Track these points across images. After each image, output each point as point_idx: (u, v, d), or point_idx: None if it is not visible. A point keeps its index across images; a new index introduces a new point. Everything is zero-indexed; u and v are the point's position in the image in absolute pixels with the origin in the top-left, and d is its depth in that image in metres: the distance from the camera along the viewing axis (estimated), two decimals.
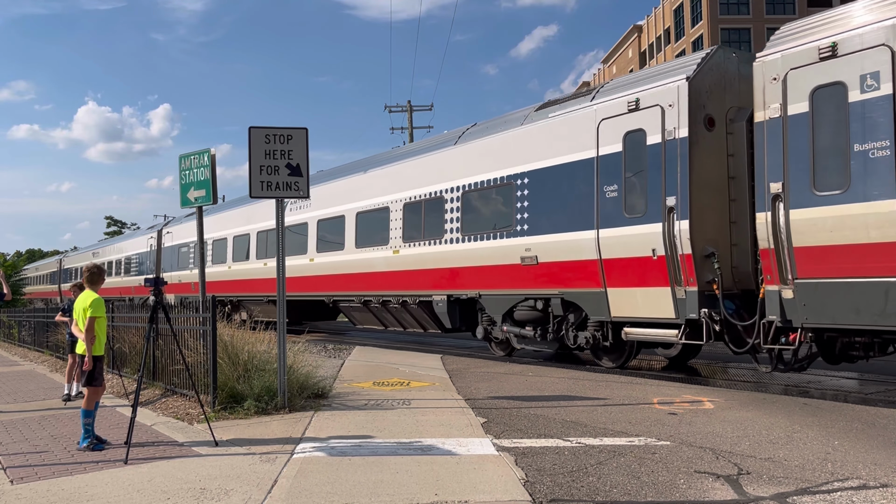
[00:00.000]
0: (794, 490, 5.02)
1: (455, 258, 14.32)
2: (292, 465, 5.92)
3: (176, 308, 10.05)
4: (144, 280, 7.43)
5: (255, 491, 5.22)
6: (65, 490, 5.42)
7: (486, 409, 8.24)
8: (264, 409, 8.24)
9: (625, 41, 74.29)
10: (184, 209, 17.11)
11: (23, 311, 25.49)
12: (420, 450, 6.32)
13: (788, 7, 55.74)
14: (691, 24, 59.54)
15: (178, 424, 7.93)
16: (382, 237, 16.30)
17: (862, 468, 5.54)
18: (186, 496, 5.15)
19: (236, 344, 9.30)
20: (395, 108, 36.88)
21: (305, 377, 9.18)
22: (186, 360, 8.47)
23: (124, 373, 11.56)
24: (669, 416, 7.62)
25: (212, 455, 6.37)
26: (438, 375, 11.39)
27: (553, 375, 11.21)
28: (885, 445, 6.25)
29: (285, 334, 8.75)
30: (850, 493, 4.94)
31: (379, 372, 11.97)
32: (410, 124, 36.70)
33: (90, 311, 6.83)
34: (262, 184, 8.73)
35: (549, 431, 7.02)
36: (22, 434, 7.76)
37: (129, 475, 5.78)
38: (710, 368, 12.58)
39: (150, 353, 10.05)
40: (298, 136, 8.86)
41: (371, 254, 16.66)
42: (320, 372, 9.90)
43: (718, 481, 5.25)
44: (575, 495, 5.00)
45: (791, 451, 6.08)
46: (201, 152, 10.29)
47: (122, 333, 12.30)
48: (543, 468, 5.67)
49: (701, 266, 10.01)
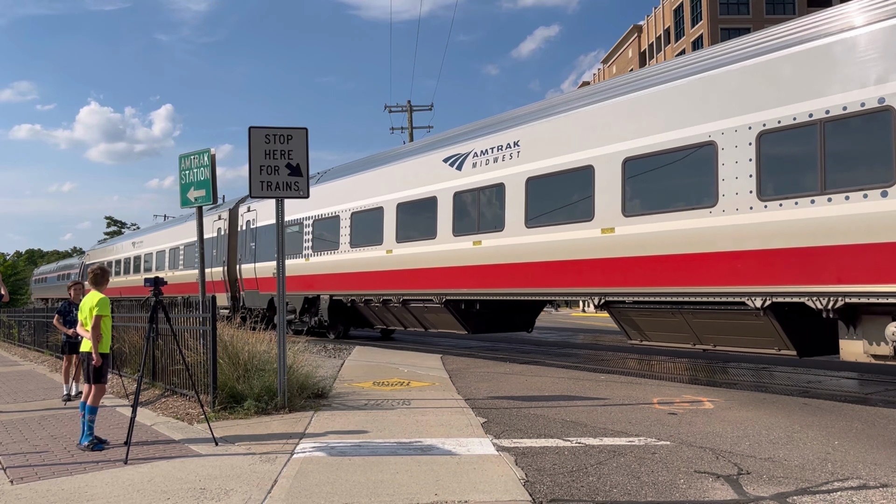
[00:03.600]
0: (794, 490, 5.01)
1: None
2: (292, 465, 5.92)
3: (176, 308, 10.03)
4: (144, 280, 7.44)
5: (255, 491, 5.22)
6: (65, 490, 5.42)
7: (486, 409, 8.24)
8: (264, 409, 8.24)
9: (625, 41, 74.30)
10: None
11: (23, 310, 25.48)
12: (420, 450, 6.32)
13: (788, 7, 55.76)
14: (691, 24, 59.54)
15: (178, 424, 7.93)
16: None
17: (862, 468, 5.54)
18: (186, 496, 5.15)
19: (236, 344, 9.30)
20: (395, 108, 36.90)
21: (305, 377, 9.18)
22: (186, 360, 8.47)
23: (124, 373, 11.55)
24: (669, 416, 7.62)
25: (212, 455, 6.37)
26: (438, 375, 11.39)
27: (553, 375, 11.21)
28: (885, 445, 6.25)
29: (285, 334, 8.75)
30: (850, 493, 4.94)
31: (379, 372, 11.97)
32: (410, 124, 36.70)
33: (97, 309, 6.93)
34: (262, 184, 8.73)
35: (549, 431, 7.02)
36: (22, 434, 7.76)
37: (129, 475, 5.78)
38: (710, 368, 12.57)
39: (150, 353, 10.05)
40: (298, 136, 8.86)
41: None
42: (320, 372, 9.90)
43: (718, 481, 5.24)
44: (575, 495, 5.00)
45: (791, 451, 6.08)
46: (201, 152, 10.29)
47: (122, 333, 12.29)
48: (543, 468, 5.67)
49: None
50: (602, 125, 11.26)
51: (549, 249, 11.96)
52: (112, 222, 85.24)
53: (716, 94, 9.63)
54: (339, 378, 11.08)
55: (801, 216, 8.59)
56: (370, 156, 19.20)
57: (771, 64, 9.09)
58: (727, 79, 9.54)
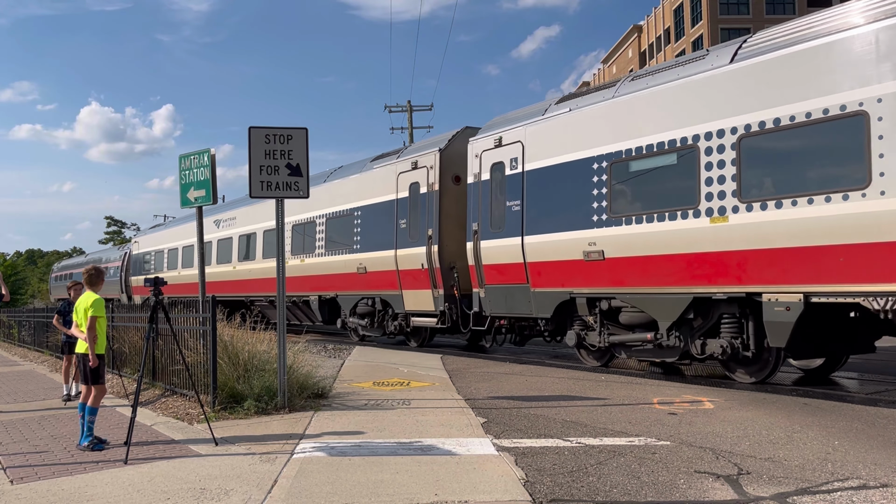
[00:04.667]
0: (794, 490, 5.01)
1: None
2: (292, 464, 5.92)
3: (176, 308, 10.03)
4: (145, 280, 7.44)
5: (255, 491, 5.22)
6: (65, 490, 5.42)
7: (486, 409, 8.24)
8: (264, 409, 8.24)
9: (625, 41, 74.34)
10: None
11: (22, 310, 25.47)
12: (420, 450, 6.32)
13: (788, 7, 55.80)
14: (691, 24, 59.57)
15: (178, 424, 7.93)
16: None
17: (862, 468, 5.54)
18: (186, 496, 5.15)
19: (236, 344, 9.31)
20: (395, 108, 36.92)
21: (305, 377, 9.18)
22: (186, 360, 8.47)
23: (124, 373, 11.56)
24: (669, 416, 7.62)
25: (212, 455, 6.37)
26: (438, 375, 11.39)
27: (553, 375, 11.21)
28: (885, 445, 6.25)
29: (285, 334, 8.74)
30: (850, 493, 4.94)
31: (379, 372, 11.97)
32: (410, 124, 36.73)
33: (91, 310, 6.92)
34: (262, 184, 8.73)
35: (549, 431, 7.02)
36: (22, 434, 7.76)
37: (129, 475, 5.78)
38: (710, 368, 12.56)
39: (150, 353, 10.04)
40: (298, 136, 8.86)
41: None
42: (320, 372, 9.90)
43: (718, 481, 5.24)
44: (575, 495, 5.00)
45: (791, 451, 6.08)
46: (201, 152, 10.29)
47: (122, 333, 12.30)
48: (543, 468, 5.67)
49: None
50: None
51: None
52: (112, 222, 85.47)
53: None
54: (339, 378, 11.08)
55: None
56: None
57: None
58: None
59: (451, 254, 14.80)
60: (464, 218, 14.30)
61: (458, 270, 14.54)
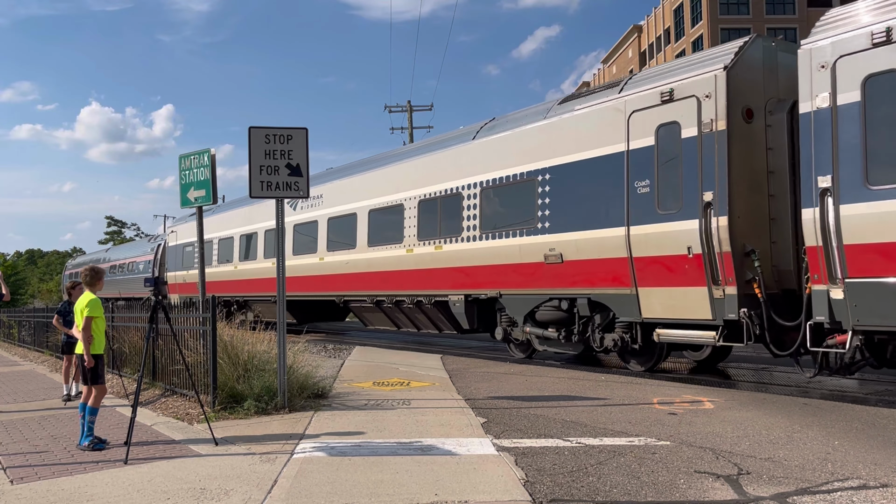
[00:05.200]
0: (794, 490, 5.01)
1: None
2: (292, 465, 5.92)
3: (176, 308, 10.03)
4: (145, 280, 7.44)
5: (255, 491, 5.22)
6: (65, 490, 5.42)
7: (486, 409, 8.25)
8: (264, 410, 8.24)
9: (625, 41, 74.31)
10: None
11: (22, 310, 25.47)
12: (420, 450, 6.32)
13: (788, 7, 55.75)
14: (691, 24, 59.55)
15: (178, 424, 7.93)
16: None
17: (862, 468, 5.54)
18: (186, 496, 5.15)
19: (236, 344, 9.31)
20: (395, 108, 36.93)
21: (305, 377, 9.19)
22: (186, 360, 8.48)
23: (124, 373, 11.56)
24: (669, 416, 7.62)
25: (212, 455, 6.37)
26: (438, 375, 11.39)
27: (553, 375, 11.21)
28: (885, 445, 6.25)
29: (285, 334, 8.74)
30: (850, 493, 4.94)
31: (379, 372, 11.97)
32: (410, 124, 36.74)
33: (87, 311, 6.90)
34: (262, 184, 8.73)
35: (549, 431, 7.02)
36: (22, 434, 7.76)
37: (129, 475, 5.79)
38: (710, 369, 12.57)
39: (150, 353, 10.05)
40: (298, 136, 8.86)
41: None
42: (320, 372, 9.90)
43: (718, 481, 5.25)
44: (575, 495, 5.00)
45: (791, 451, 6.08)
46: (201, 152, 10.29)
47: (122, 333, 12.30)
48: (543, 468, 5.67)
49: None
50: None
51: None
52: (112, 222, 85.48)
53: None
54: (339, 378, 11.09)
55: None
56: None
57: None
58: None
59: (745, 232, 9.71)
60: (761, 176, 9.85)
61: (759, 257, 9.56)
